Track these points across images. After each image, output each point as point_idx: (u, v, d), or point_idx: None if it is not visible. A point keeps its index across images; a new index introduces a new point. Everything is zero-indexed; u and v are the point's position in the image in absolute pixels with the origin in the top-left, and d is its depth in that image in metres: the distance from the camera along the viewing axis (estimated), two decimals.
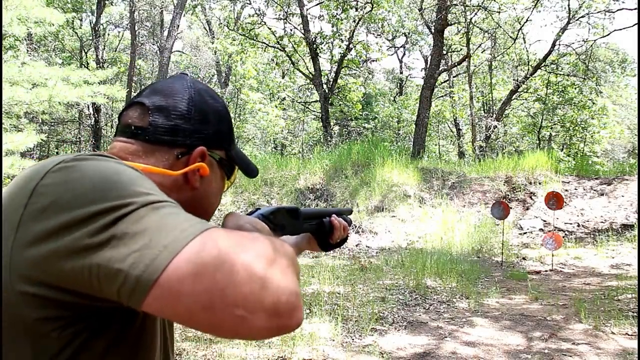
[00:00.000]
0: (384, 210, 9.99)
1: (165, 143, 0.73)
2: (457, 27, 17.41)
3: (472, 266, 6.97)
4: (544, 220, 9.41)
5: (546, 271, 6.98)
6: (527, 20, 17.07)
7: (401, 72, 26.60)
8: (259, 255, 0.50)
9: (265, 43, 16.46)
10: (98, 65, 18.61)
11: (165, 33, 19.34)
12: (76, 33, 20.57)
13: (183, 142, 0.74)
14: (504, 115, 18.73)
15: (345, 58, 16.31)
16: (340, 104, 17.67)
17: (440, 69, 14.79)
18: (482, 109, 21.66)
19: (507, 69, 20.82)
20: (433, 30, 15.27)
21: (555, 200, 7.32)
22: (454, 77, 21.91)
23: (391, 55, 24.43)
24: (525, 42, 18.87)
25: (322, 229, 1.09)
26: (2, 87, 6.59)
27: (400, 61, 26.10)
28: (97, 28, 19.34)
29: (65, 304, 0.54)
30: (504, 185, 10.61)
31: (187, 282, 0.47)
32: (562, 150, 17.22)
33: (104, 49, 21.31)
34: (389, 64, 52.84)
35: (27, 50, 15.73)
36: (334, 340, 3.96)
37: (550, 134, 19.75)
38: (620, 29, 16.41)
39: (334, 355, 3.65)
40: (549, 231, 8.03)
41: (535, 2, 16.34)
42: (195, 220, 0.53)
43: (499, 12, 16.23)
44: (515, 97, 18.39)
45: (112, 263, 0.49)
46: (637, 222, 8.56)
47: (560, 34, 16.21)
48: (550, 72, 17.56)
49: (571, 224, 9.33)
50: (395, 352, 3.79)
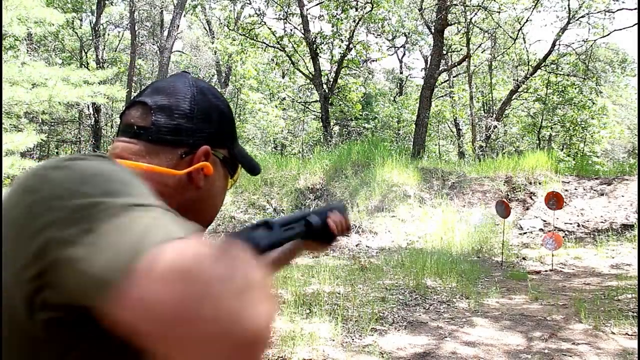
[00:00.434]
0: (384, 210, 9.99)
1: (168, 143, 0.73)
2: (457, 27, 17.42)
3: (472, 266, 6.97)
4: (544, 220, 9.41)
5: (546, 271, 6.98)
6: (527, 20, 17.07)
7: (401, 72, 26.62)
8: (232, 273, 0.45)
9: (265, 43, 16.47)
10: (98, 65, 18.62)
11: (165, 33, 19.35)
12: (76, 33, 20.58)
13: (186, 141, 0.74)
14: (504, 115, 18.74)
15: (345, 58, 16.31)
16: (340, 104, 17.68)
17: (440, 69, 14.79)
18: (482, 109, 21.66)
19: (507, 69, 20.83)
20: (433, 30, 15.27)
21: (555, 200, 7.33)
22: (454, 77, 21.92)
23: (391, 55, 24.44)
24: (525, 42, 18.87)
25: (310, 228, 0.97)
26: (2, 87, 6.59)
27: (400, 61, 26.12)
28: (97, 28, 19.34)
29: (58, 306, 0.52)
30: (504, 185, 10.62)
31: (144, 289, 0.42)
32: (562, 150, 17.22)
33: (104, 49, 21.32)
34: (389, 64, 52.86)
35: (27, 50, 15.73)
36: (334, 340, 3.96)
37: (550, 134, 19.75)
38: (620, 29, 16.42)
39: (334, 355, 3.65)
40: (549, 231, 8.04)
41: (535, 2, 16.34)
42: (174, 225, 0.49)
43: (499, 12, 16.23)
44: (515, 97, 18.40)
45: (80, 264, 0.46)
46: (637, 222, 8.56)
47: (560, 34, 16.21)
48: (550, 72, 17.56)
49: (571, 224, 9.33)
50: (395, 352, 3.79)
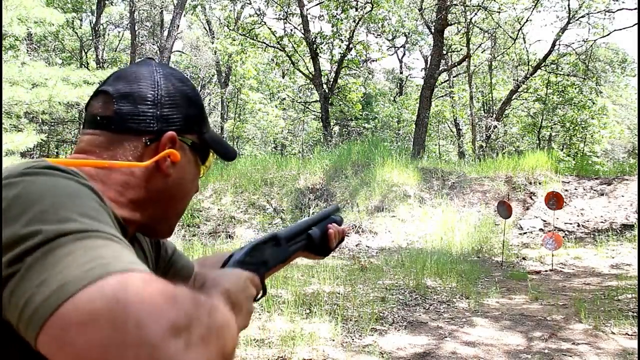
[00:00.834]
0: (384, 210, 9.99)
1: (132, 131, 0.71)
2: (457, 27, 17.42)
3: (472, 266, 6.97)
4: (544, 220, 9.41)
5: (546, 271, 6.98)
6: (527, 20, 17.08)
7: (401, 72, 26.62)
8: (164, 318, 0.42)
9: (265, 43, 16.47)
10: (98, 65, 18.62)
11: (165, 33, 19.34)
12: (76, 33, 20.58)
13: (151, 128, 0.71)
14: (504, 115, 18.74)
15: (345, 58, 16.32)
16: (340, 104, 17.68)
17: (440, 69, 14.80)
18: (482, 109, 21.67)
19: (507, 69, 20.83)
20: (433, 30, 15.27)
21: (555, 200, 7.32)
22: (454, 77, 21.92)
23: (391, 55, 24.46)
24: (525, 42, 18.88)
25: (312, 242, 0.99)
26: (2, 87, 6.60)
27: (400, 61, 26.13)
28: (97, 28, 19.35)
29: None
30: (504, 185, 10.62)
31: (71, 331, 0.41)
32: (562, 150, 17.22)
33: (104, 49, 21.33)
34: (389, 64, 52.88)
35: (27, 50, 15.74)
36: (334, 340, 3.96)
37: (550, 134, 19.76)
38: (620, 29, 16.42)
39: (334, 355, 3.65)
40: (549, 231, 8.04)
41: (535, 2, 16.34)
42: (114, 259, 0.46)
43: (499, 12, 16.23)
44: (515, 97, 18.40)
45: (13, 296, 0.45)
46: (637, 222, 8.56)
47: (560, 34, 16.21)
48: (550, 72, 17.57)
49: (571, 224, 9.33)
50: (395, 352, 3.79)
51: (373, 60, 22.15)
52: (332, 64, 17.53)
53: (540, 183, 10.51)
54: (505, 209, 7.45)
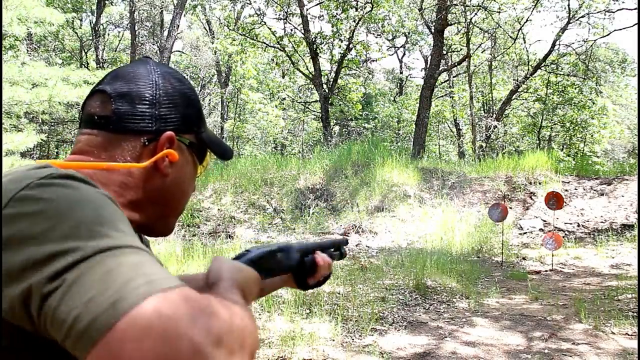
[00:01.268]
0: (384, 210, 9.99)
1: (130, 131, 0.70)
2: (457, 27, 17.42)
3: (472, 266, 6.97)
4: (544, 220, 9.41)
5: (546, 271, 6.98)
6: (527, 20, 17.08)
7: (401, 72, 26.62)
8: (207, 330, 0.46)
9: (265, 43, 16.47)
10: (98, 65, 18.62)
11: (165, 33, 19.34)
12: (76, 33, 20.59)
13: (149, 128, 0.71)
14: (504, 115, 18.75)
15: (345, 58, 16.31)
16: (340, 104, 17.69)
17: (440, 69, 14.79)
18: (482, 109, 21.67)
19: (507, 69, 20.84)
20: (433, 30, 15.27)
21: (555, 200, 7.32)
22: (454, 77, 21.92)
23: (391, 55, 24.45)
24: (525, 42, 18.88)
25: (302, 268, 0.94)
26: (2, 87, 6.60)
27: (400, 61, 26.12)
28: (97, 28, 19.35)
29: (24, 338, 0.52)
30: (504, 185, 10.62)
31: (127, 346, 0.43)
32: (562, 150, 17.23)
33: (104, 49, 21.33)
34: (389, 64, 52.90)
35: (27, 50, 15.74)
36: (334, 340, 3.96)
37: (550, 134, 19.76)
38: (620, 29, 16.44)
39: (334, 355, 3.65)
40: (549, 231, 8.04)
41: (535, 2, 16.35)
42: (154, 276, 0.48)
43: (499, 12, 16.24)
44: (515, 97, 18.41)
45: (58, 313, 0.46)
46: (637, 222, 8.56)
47: (560, 34, 16.22)
48: (550, 72, 17.57)
49: (571, 224, 9.33)
50: (395, 352, 3.79)
51: (373, 60, 22.17)
52: (332, 64, 17.53)
53: (540, 183, 10.51)
54: (500, 212, 7.41)
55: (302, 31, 15.56)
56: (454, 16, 15.79)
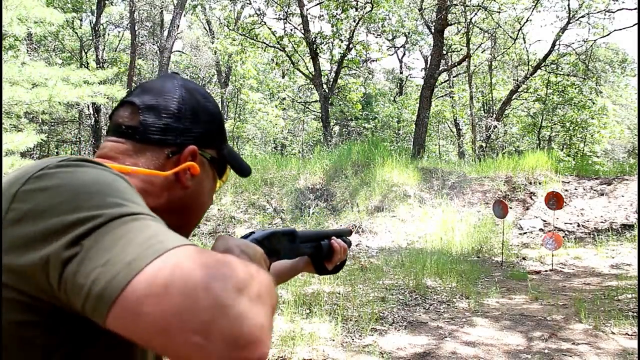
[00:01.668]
0: (384, 210, 9.99)
1: (155, 142, 0.73)
2: (457, 27, 17.42)
3: (472, 266, 6.97)
4: (544, 220, 9.41)
5: (546, 271, 6.98)
6: (527, 20, 17.08)
7: (401, 72, 26.61)
8: (227, 280, 0.46)
9: (265, 43, 16.47)
10: (98, 65, 18.61)
11: (165, 33, 19.34)
12: (76, 33, 20.58)
13: (174, 141, 0.74)
14: (504, 115, 18.74)
15: (345, 58, 16.31)
16: (340, 104, 17.69)
17: (440, 69, 14.79)
18: (482, 109, 21.67)
19: (507, 69, 20.83)
20: (433, 30, 15.27)
21: (555, 200, 7.33)
22: (454, 77, 21.92)
23: (391, 55, 24.44)
24: (525, 42, 18.88)
25: (319, 252, 1.03)
26: (2, 87, 6.60)
27: (400, 61, 26.11)
28: (97, 28, 19.34)
29: (43, 310, 0.53)
30: (504, 185, 10.62)
31: (145, 303, 0.44)
32: (562, 150, 17.23)
33: (104, 49, 21.32)
34: (389, 64, 52.90)
35: (27, 50, 15.74)
36: (334, 340, 3.96)
37: (550, 134, 19.76)
38: (620, 29, 16.45)
39: (334, 355, 3.65)
40: (549, 231, 8.04)
41: (535, 2, 16.35)
42: (166, 236, 0.50)
43: (499, 12, 16.24)
44: (515, 97, 18.40)
45: (77, 277, 0.48)
46: (637, 222, 8.56)
47: (560, 34, 16.22)
48: (550, 72, 17.57)
49: (571, 224, 9.33)
50: (395, 352, 3.79)
51: (373, 60, 22.16)
52: (332, 64, 17.53)
53: (540, 183, 10.51)
54: (501, 209, 7.45)
55: (302, 31, 15.55)
56: (454, 16, 15.79)
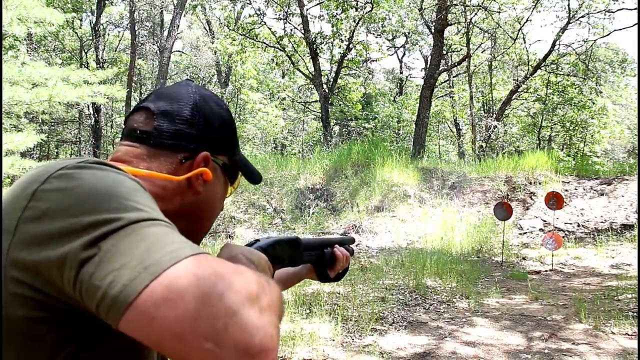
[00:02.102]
0: (384, 210, 9.99)
1: (169, 147, 0.75)
2: (457, 27, 17.41)
3: (472, 266, 6.97)
4: (544, 220, 9.41)
5: (546, 271, 6.98)
6: (527, 20, 17.08)
7: (401, 72, 26.60)
8: (239, 289, 0.48)
9: (265, 43, 16.46)
10: (98, 65, 18.61)
11: (165, 33, 19.34)
12: (76, 33, 20.57)
13: (187, 146, 0.75)
14: (504, 115, 18.74)
15: (345, 58, 16.31)
16: (340, 104, 17.68)
17: (440, 69, 14.79)
18: (482, 109, 21.66)
19: (507, 69, 20.83)
20: (433, 30, 15.27)
21: (555, 200, 7.32)
22: (454, 77, 21.91)
23: (391, 55, 24.44)
24: (525, 42, 18.88)
25: (321, 260, 1.05)
26: (2, 87, 6.59)
27: (400, 61, 26.11)
28: (97, 28, 19.34)
29: (55, 308, 0.54)
30: (504, 185, 10.62)
31: (161, 307, 0.46)
32: (562, 150, 17.22)
33: (104, 49, 21.31)
34: (389, 64, 52.89)
35: (27, 50, 15.74)
36: (334, 340, 3.96)
37: (550, 134, 19.76)
38: (620, 29, 16.45)
39: (334, 355, 3.65)
40: (549, 231, 8.03)
41: (535, 2, 16.34)
42: (183, 244, 0.52)
43: (499, 12, 16.23)
44: (515, 97, 18.40)
45: (93, 279, 0.48)
46: (637, 222, 8.56)
47: (560, 34, 16.22)
48: (550, 72, 17.57)
49: (571, 224, 9.33)
50: (395, 352, 3.79)
51: (373, 60, 22.14)
52: (332, 64, 17.52)
53: (540, 183, 10.51)
54: (504, 210, 7.44)
55: (302, 31, 15.55)
56: (454, 16, 15.79)
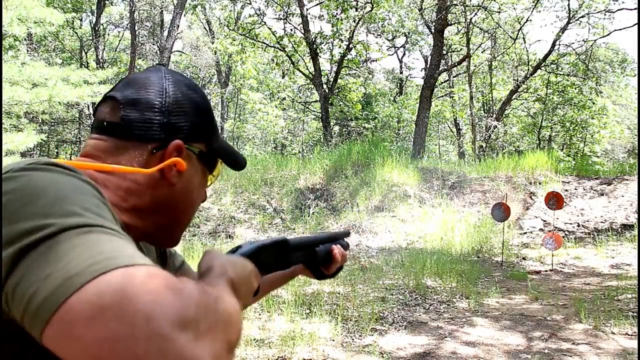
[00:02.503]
0: (384, 210, 9.99)
1: (138, 138, 0.70)
2: (457, 27, 17.41)
3: (472, 266, 6.97)
4: (544, 220, 9.41)
5: (546, 271, 6.98)
6: (527, 20, 17.08)
7: (401, 72, 26.60)
8: (172, 311, 0.42)
9: (265, 43, 16.47)
10: (98, 65, 18.61)
11: (165, 33, 19.34)
12: (76, 33, 20.58)
13: (157, 136, 0.71)
14: (504, 115, 18.74)
15: (345, 58, 16.31)
16: (340, 104, 17.68)
17: (440, 69, 14.79)
18: (482, 109, 21.66)
19: (507, 69, 20.82)
20: (433, 30, 15.27)
21: (555, 200, 7.32)
22: (454, 77, 21.91)
23: (391, 55, 24.44)
24: (525, 42, 18.88)
25: (314, 259, 0.98)
26: (2, 87, 6.60)
27: (400, 61, 26.11)
28: (97, 28, 19.35)
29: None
30: (504, 185, 10.62)
31: (79, 325, 0.40)
32: (562, 150, 17.23)
33: (104, 49, 21.31)
34: (389, 64, 52.90)
35: (27, 50, 15.74)
36: (334, 340, 3.96)
37: (550, 134, 19.76)
38: (620, 29, 16.46)
39: (334, 355, 3.65)
40: (549, 231, 8.03)
41: (535, 2, 16.34)
42: (120, 253, 0.46)
43: (499, 12, 16.23)
44: (515, 97, 18.40)
45: (18, 289, 0.44)
46: (637, 222, 8.56)
47: (560, 34, 16.22)
48: (550, 72, 17.57)
49: (571, 224, 9.33)
50: (395, 352, 3.79)
51: (373, 60, 22.14)
52: (332, 64, 17.52)
53: (540, 183, 10.51)
54: (502, 212, 7.42)
55: (302, 31, 15.55)
56: (454, 16, 15.78)
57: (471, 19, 15.79)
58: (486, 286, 6.05)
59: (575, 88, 17.42)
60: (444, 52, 15.93)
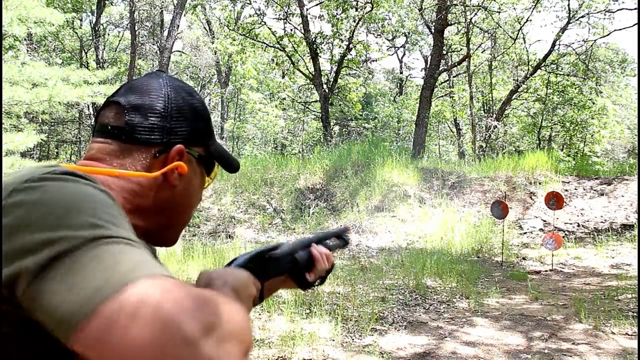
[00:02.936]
0: (384, 210, 9.99)
1: (142, 142, 0.73)
2: (457, 27, 17.41)
3: (472, 266, 6.97)
4: (544, 220, 9.41)
5: (546, 271, 6.98)
6: (527, 20, 17.08)
7: (401, 72, 26.61)
8: (199, 318, 0.45)
9: (265, 43, 16.47)
10: (98, 65, 18.61)
11: (165, 33, 19.33)
12: (76, 33, 20.58)
13: (160, 140, 0.74)
14: (504, 115, 18.74)
15: (345, 58, 16.31)
16: (340, 104, 17.68)
17: (440, 69, 14.79)
18: (482, 109, 21.66)
19: (507, 69, 20.82)
20: (433, 30, 15.27)
21: (555, 200, 7.32)
22: (454, 77, 21.91)
23: (391, 55, 24.45)
24: (525, 42, 18.88)
25: (296, 267, 0.88)
26: (2, 87, 6.59)
27: (400, 61, 26.12)
28: (97, 28, 19.34)
29: (19, 322, 0.52)
30: (504, 185, 10.62)
31: (111, 331, 0.43)
32: (562, 150, 17.22)
33: (104, 49, 21.31)
34: (389, 64, 52.90)
35: (27, 50, 15.74)
36: (334, 340, 3.96)
37: (550, 134, 19.75)
38: (620, 29, 16.47)
39: (334, 355, 3.65)
40: (549, 231, 8.03)
41: (535, 2, 16.34)
42: (142, 264, 0.49)
43: (499, 12, 16.23)
44: (515, 97, 18.40)
45: (46, 300, 0.47)
46: (637, 222, 8.56)
47: (560, 34, 16.22)
48: (550, 72, 17.57)
49: (571, 224, 9.33)
50: (395, 352, 3.79)
51: (373, 60, 22.15)
52: (332, 64, 17.52)
53: (540, 183, 10.51)
54: (501, 209, 7.44)
55: (302, 31, 15.55)
56: (454, 16, 15.78)
57: (471, 19, 15.79)
58: (486, 286, 6.05)
59: (575, 88, 17.42)
60: (444, 52, 15.93)
